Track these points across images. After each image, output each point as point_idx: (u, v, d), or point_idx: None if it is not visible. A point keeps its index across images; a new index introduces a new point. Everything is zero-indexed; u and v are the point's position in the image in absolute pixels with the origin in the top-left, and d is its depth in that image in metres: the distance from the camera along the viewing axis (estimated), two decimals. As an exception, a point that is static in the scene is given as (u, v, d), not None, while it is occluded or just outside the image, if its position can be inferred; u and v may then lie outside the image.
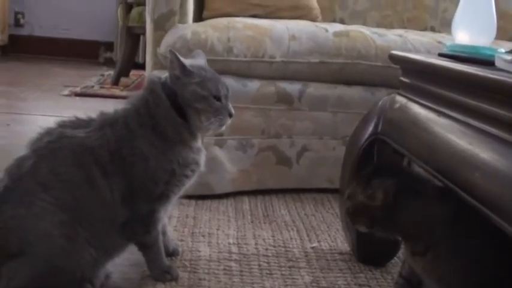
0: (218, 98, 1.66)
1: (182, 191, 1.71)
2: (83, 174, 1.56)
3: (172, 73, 1.65)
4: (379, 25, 3.17)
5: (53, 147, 1.57)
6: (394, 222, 1.40)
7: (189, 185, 1.71)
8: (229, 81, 2.04)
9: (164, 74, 1.70)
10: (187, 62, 1.66)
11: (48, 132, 1.61)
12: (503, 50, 1.47)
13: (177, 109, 1.64)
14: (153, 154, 1.61)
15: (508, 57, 1.33)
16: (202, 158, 1.72)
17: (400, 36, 2.64)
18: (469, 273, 1.35)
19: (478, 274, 1.35)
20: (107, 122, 1.63)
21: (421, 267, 1.41)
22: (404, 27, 3.18)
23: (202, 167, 1.73)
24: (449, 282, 1.38)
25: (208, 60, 1.80)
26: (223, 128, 1.72)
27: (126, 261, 1.75)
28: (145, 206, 1.62)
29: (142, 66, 4.96)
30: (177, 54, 1.64)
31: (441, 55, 1.65)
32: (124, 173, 1.59)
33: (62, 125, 1.63)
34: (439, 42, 2.59)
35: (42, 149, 1.57)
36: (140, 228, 1.64)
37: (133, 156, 1.60)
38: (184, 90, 1.64)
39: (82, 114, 1.67)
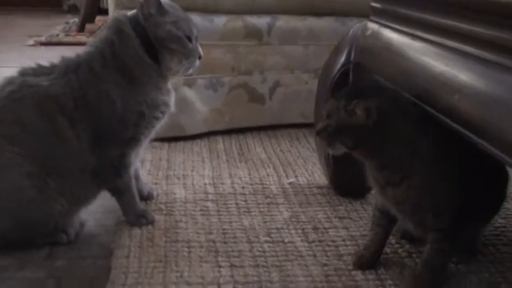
0: (190, 39, 1.60)
1: (152, 134, 1.66)
2: (48, 124, 1.50)
3: (147, 11, 1.57)
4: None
5: (15, 97, 1.51)
6: (377, 145, 1.31)
7: (159, 126, 1.66)
8: (195, 18, 1.96)
9: (129, 12, 1.63)
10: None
11: (10, 81, 1.55)
12: (477, -34, 1.41)
13: (146, 49, 1.58)
14: (120, 96, 1.55)
15: (483, -28, 1.28)
16: (171, 99, 1.67)
17: (369, -38, 2.57)
18: (445, 201, 1.32)
19: (453, 202, 1.32)
20: (70, 68, 1.56)
21: (392, 198, 1.37)
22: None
23: (172, 108, 1.67)
24: (423, 211, 1.35)
25: (173, -3, 1.73)
26: (191, 70, 1.66)
27: (100, 208, 1.71)
28: (115, 151, 1.57)
29: (107, 12, 4.84)
30: None
31: (413, -24, 1.60)
32: (91, 118, 1.53)
33: (24, 73, 1.57)
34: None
35: (3, 99, 1.52)
36: (111, 174, 1.59)
37: (99, 100, 1.54)
38: (159, 30, 1.58)
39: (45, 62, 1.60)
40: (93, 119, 1.53)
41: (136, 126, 1.58)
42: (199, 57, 1.64)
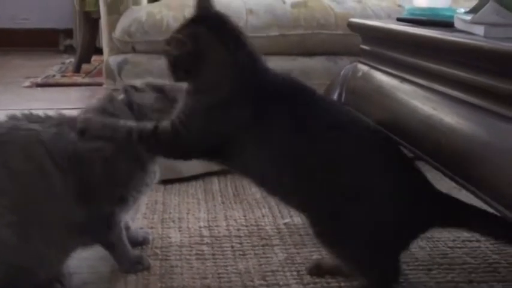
0: None
1: (141, 198, 1.70)
2: (35, 168, 1.48)
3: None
4: (337, -8, 3.14)
5: (4, 140, 1.49)
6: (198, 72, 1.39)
7: (148, 191, 1.72)
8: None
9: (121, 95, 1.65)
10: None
11: None
12: (462, 10, 1.44)
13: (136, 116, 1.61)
14: (113, 155, 1.56)
15: (467, 17, 1.30)
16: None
17: (359, 2, 2.60)
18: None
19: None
20: (65, 120, 1.58)
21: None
22: (363, -7, 3.14)
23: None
24: None
25: (165, 42, 1.75)
26: None
27: (94, 254, 1.69)
28: (104, 208, 1.57)
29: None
30: None
31: (400, 20, 1.62)
32: (81, 171, 1.53)
33: (14, 117, 1.55)
34: (399, 6, 2.55)
35: None
36: (101, 229, 1.59)
37: (91, 155, 1.54)
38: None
39: (44, 106, 1.61)
40: (83, 173, 1.53)
41: (126, 187, 1.60)
42: None
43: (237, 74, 1.38)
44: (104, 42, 2.55)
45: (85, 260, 1.68)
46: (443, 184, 1.59)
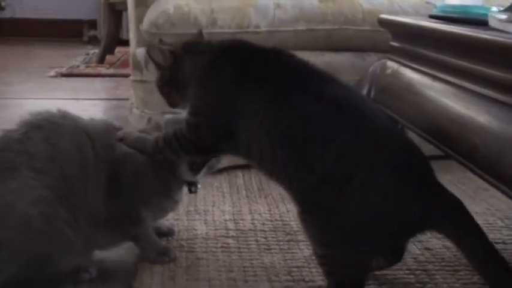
0: None
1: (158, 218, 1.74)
2: (77, 153, 1.51)
3: None
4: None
5: (54, 121, 1.54)
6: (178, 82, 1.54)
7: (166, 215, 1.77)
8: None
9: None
10: None
11: (48, 111, 1.57)
12: (496, 9, 1.43)
13: None
14: (145, 163, 1.60)
15: (503, 16, 1.29)
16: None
17: (387, -2, 2.59)
18: None
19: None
20: (110, 124, 1.66)
21: None
22: (391, -11, 3.12)
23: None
24: None
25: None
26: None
27: (121, 243, 1.71)
28: (130, 206, 1.61)
29: (127, 43, 4.89)
30: None
31: (432, 17, 1.62)
32: (113, 165, 1.57)
33: (63, 110, 1.60)
34: (428, 3, 2.54)
35: (41, 120, 1.53)
36: (129, 225, 1.62)
37: (125, 160, 1.59)
38: None
39: (69, 95, 1.63)
40: (114, 169, 1.57)
41: (147, 201, 1.63)
42: None
43: (208, 58, 1.49)
44: (131, 34, 2.56)
45: (112, 250, 1.68)
46: (469, 184, 1.59)
